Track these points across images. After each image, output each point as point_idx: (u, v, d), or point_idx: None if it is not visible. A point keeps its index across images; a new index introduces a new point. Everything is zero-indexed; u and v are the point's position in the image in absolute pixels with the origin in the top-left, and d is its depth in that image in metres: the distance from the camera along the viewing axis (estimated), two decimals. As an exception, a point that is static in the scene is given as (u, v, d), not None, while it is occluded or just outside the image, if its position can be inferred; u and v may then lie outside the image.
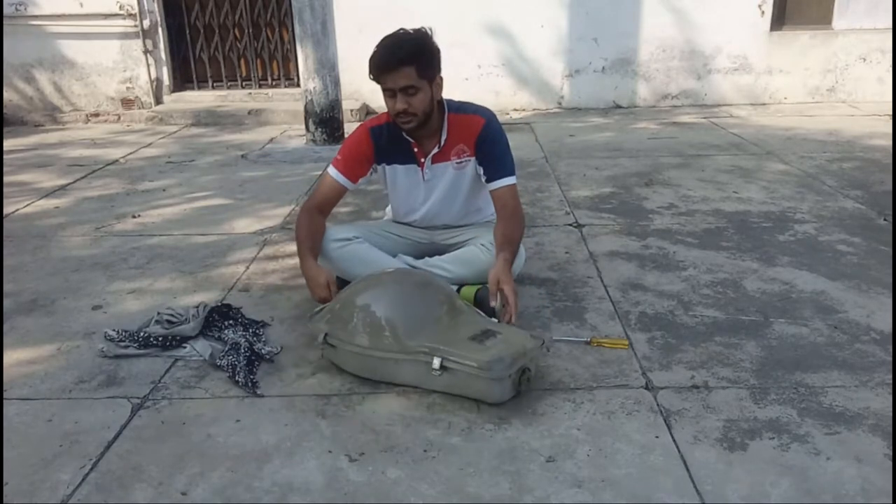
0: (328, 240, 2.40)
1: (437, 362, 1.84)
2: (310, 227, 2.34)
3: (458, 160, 2.37)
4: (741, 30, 6.04)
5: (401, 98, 2.17)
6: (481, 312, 2.13)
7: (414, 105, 2.18)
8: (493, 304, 2.11)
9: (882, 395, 1.87)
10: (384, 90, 2.20)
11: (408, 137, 2.34)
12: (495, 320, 2.08)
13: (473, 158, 2.37)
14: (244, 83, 6.41)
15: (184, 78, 6.38)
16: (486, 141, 2.34)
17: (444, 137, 2.33)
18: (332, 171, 2.40)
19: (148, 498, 1.55)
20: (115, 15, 5.99)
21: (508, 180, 2.35)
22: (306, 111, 5.00)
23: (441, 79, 2.26)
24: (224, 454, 1.69)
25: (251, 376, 1.99)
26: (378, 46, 2.19)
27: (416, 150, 2.36)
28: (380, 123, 2.37)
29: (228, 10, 6.22)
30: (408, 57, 2.13)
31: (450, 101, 2.36)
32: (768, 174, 4.03)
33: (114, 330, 2.25)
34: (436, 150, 2.35)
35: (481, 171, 2.37)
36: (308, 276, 2.26)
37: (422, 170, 2.39)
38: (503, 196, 2.34)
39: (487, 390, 1.83)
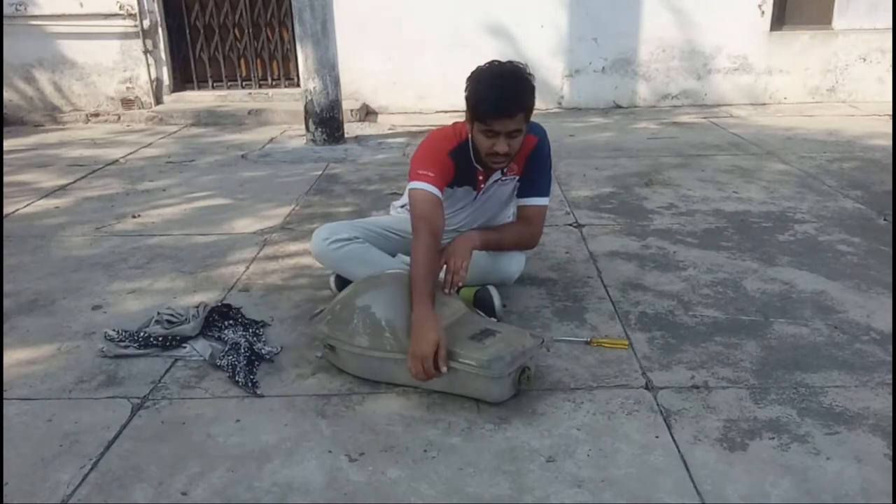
0: (328, 240, 2.39)
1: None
2: (430, 267, 1.99)
3: (505, 178, 2.32)
4: (741, 30, 6.04)
5: (503, 141, 2.06)
6: (480, 312, 2.13)
7: (514, 147, 2.10)
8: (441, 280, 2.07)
9: (882, 395, 1.87)
10: (485, 130, 2.06)
11: (476, 165, 2.26)
12: (494, 320, 2.08)
13: (518, 176, 2.32)
14: (244, 83, 6.41)
15: (184, 78, 6.38)
16: (534, 160, 2.29)
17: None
18: (425, 186, 2.13)
19: (148, 498, 1.55)
20: (115, 15, 5.99)
21: (540, 200, 2.32)
22: (306, 111, 5.00)
23: None
24: (224, 454, 1.69)
25: (251, 376, 1.99)
26: (489, 86, 2.02)
27: (480, 177, 2.30)
28: (453, 147, 2.22)
29: (228, 10, 6.21)
30: (525, 104, 2.04)
31: None
32: (768, 174, 4.03)
33: (114, 330, 2.25)
34: (498, 175, 2.29)
35: (517, 185, 2.34)
36: (419, 325, 1.86)
37: (478, 193, 2.35)
38: (529, 213, 2.31)
39: (487, 389, 1.83)
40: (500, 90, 2.01)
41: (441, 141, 2.24)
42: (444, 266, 2.11)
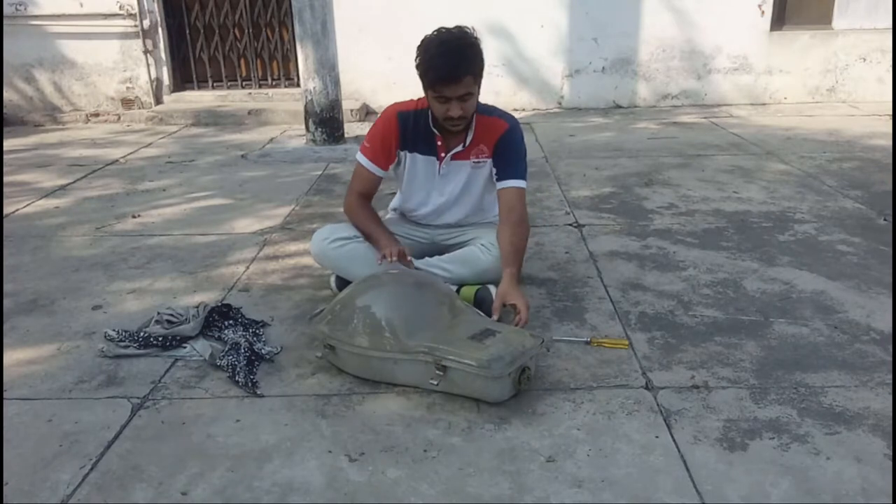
0: (328, 239, 2.40)
1: (435, 375, 1.85)
2: (368, 212, 2.39)
3: (477, 160, 2.38)
4: (741, 30, 6.04)
5: (456, 105, 2.16)
6: (480, 312, 2.13)
7: (467, 109, 2.19)
8: (495, 318, 2.11)
9: (882, 395, 1.87)
10: (437, 96, 2.17)
11: (434, 129, 2.33)
12: (494, 319, 2.08)
13: (491, 160, 2.38)
14: (244, 83, 6.41)
15: (184, 78, 6.38)
16: (505, 144, 2.35)
17: (469, 137, 2.34)
18: (361, 159, 2.42)
19: (148, 498, 1.55)
20: (115, 15, 5.99)
21: (518, 182, 2.35)
22: (306, 111, 5.00)
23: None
24: (224, 454, 1.69)
25: (251, 376, 1.99)
26: (434, 53, 2.12)
27: (439, 143, 2.36)
28: (408, 109, 2.36)
29: (228, 10, 6.21)
30: (470, 67, 2.12)
31: (478, 103, 2.34)
32: (768, 174, 4.03)
33: (114, 330, 2.25)
34: (459, 148, 2.35)
35: (494, 171, 2.38)
36: (382, 239, 2.27)
37: (440, 164, 2.39)
38: (510, 197, 2.34)
39: (487, 389, 1.83)
40: (446, 57, 2.11)
41: (395, 105, 2.40)
42: (513, 308, 2.13)
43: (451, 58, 2.11)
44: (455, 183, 2.42)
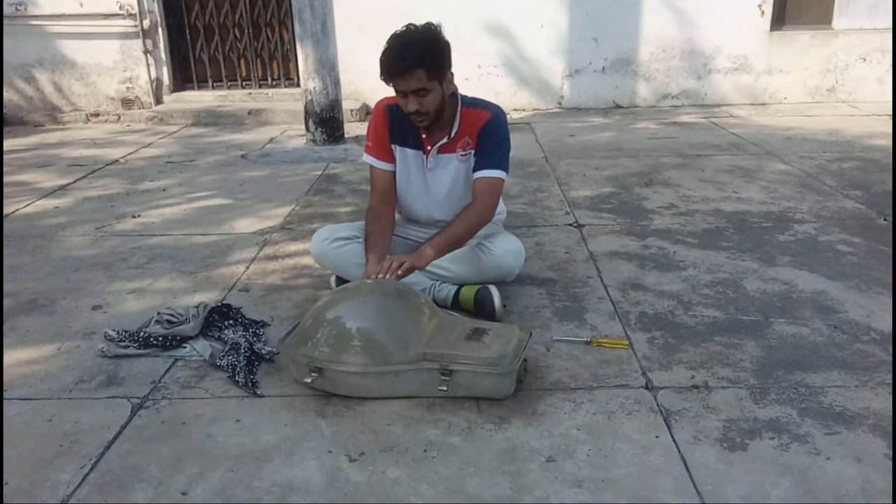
0: (328, 240, 2.40)
1: (442, 381, 1.83)
2: (376, 226, 2.34)
3: (463, 152, 2.37)
4: (741, 30, 6.04)
5: (412, 99, 2.17)
6: (453, 313, 2.13)
7: (426, 105, 2.19)
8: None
9: (882, 395, 1.87)
10: (396, 91, 2.20)
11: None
12: (460, 315, 2.09)
13: (474, 150, 2.38)
14: (244, 83, 6.41)
15: (184, 78, 6.38)
16: (486, 134, 2.34)
17: (454, 130, 2.34)
18: (369, 160, 2.43)
19: (148, 498, 1.55)
20: (115, 15, 5.99)
21: (490, 172, 2.31)
22: (306, 111, 5.00)
23: (452, 74, 2.25)
24: (224, 454, 1.69)
25: (251, 376, 1.99)
26: (387, 47, 2.16)
27: (423, 136, 2.36)
28: (396, 103, 2.34)
29: (228, 10, 6.21)
30: (417, 61, 2.12)
31: (464, 96, 2.36)
32: (768, 174, 4.03)
33: (114, 330, 2.25)
34: (444, 140, 2.35)
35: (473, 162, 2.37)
36: (368, 262, 2.23)
37: (426, 157, 2.39)
38: (477, 186, 2.32)
39: (497, 386, 1.83)
40: (393, 51, 2.13)
41: (386, 100, 2.38)
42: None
43: (400, 51, 2.12)
44: (444, 177, 2.41)
